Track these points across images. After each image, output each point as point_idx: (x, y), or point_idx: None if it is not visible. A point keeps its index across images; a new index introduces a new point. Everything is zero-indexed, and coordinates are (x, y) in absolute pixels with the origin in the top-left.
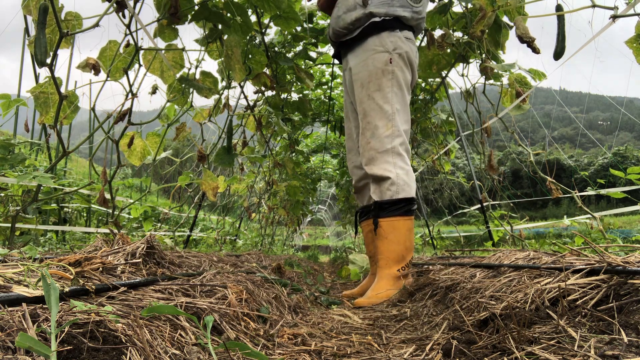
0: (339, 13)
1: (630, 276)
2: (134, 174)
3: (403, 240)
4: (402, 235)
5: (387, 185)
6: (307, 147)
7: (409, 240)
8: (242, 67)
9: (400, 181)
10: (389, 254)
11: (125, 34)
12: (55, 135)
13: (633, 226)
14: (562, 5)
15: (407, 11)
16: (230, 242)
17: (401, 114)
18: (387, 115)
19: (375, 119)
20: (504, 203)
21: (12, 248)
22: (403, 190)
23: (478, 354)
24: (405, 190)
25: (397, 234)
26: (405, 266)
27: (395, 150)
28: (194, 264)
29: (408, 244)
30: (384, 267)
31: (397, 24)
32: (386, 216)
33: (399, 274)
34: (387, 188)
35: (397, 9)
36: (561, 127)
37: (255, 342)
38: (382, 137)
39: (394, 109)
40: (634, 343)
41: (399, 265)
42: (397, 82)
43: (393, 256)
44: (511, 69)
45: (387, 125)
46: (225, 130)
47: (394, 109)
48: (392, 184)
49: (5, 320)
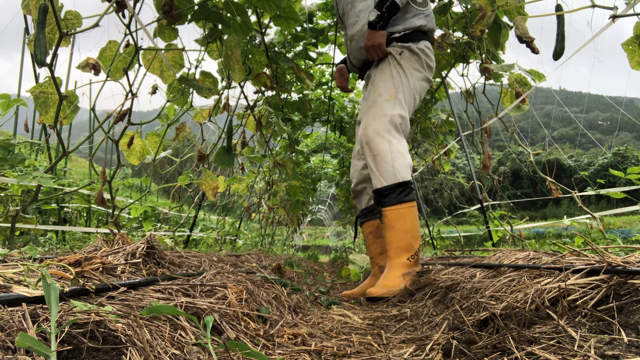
0: (361, 44)
1: (630, 276)
2: (134, 173)
3: (410, 228)
4: (408, 222)
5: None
6: (307, 147)
7: (415, 228)
8: (241, 67)
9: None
10: (398, 243)
11: (125, 34)
12: (55, 135)
13: (633, 226)
14: (561, 5)
15: (421, 19)
16: (230, 242)
17: (406, 94)
18: (394, 86)
19: (381, 87)
20: (504, 203)
21: (12, 248)
22: (399, 172)
23: (478, 354)
24: (401, 172)
25: (403, 222)
26: (414, 254)
27: (394, 121)
28: (194, 264)
29: (415, 232)
30: (394, 257)
31: (417, 34)
32: (389, 205)
33: (410, 263)
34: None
35: (412, 20)
36: (561, 127)
37: (255, 342)
38: (384, 103)
39: (397, 85)
40: (634, 343)
41: (409, 254)
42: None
43: (402, 244)
44: (511, 70)
45: (390, 94)
46: (225, 130)
47: (397, 85)
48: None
49: (5, 320)
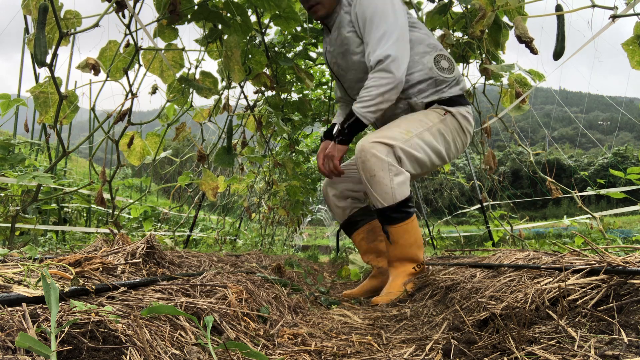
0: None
1: (630, 276)
2: (134, 174)
3: (414, 241)
4: (412, 236)
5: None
6: (307, 147)
7: (418, 240)
8: (241, 67)
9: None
10: (403, 255)
11: (125, 34)
12: (55, 135)
13: (633, 226)
14: (561, 5)
15: (453, 86)
16: (230, 242)
17: (424, 145)
18: (418, 126)
19: (403, 123)
20: (504, 203)
21: (12, 248)
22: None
23: (478, 354)
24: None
25: (407, 237)
26: (420, 264)
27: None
28: (194, 264)
29: (419, 243)
30: (399, 266)
31: (457, 100)
32: (394, 223)
33: (415, 272)
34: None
35: (447, 91)
36: (561, 127)
37: (255, 342)
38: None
39: (421, 131)
40: (634, 343)
41: (414, 264)
42: (441, 128)
43: (407, 257)
44: (511, 70)
45: (409, 130)
46: (225, 130)
47: (421, 131)
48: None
49: (5, 320)
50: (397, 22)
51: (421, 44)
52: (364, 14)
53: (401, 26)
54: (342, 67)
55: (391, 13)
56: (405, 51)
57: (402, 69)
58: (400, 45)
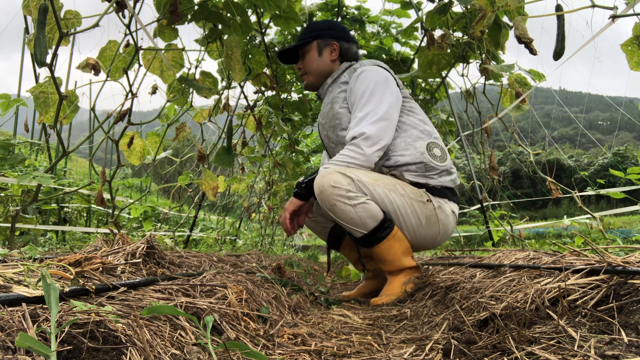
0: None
1: (630, 276)
2: (134, 174)
3: (401, 252)
4: (397, 249)
5: (343, 212)
6: (307, 147)
7: (403, 247)
8: (242, 67)
9: (357, 205)
10: (393, 267)
11: (125, 34)
12: (55, 135)
13: (633, 226)
14: (561, 5)
15: (444, 176)
16: (230, 242)
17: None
18: (387, 185)
19: (378, 176)
20: (504, 203)
21: (12, 248)
22: (367, 223)
23: (478, 354)
24: (369, 221)
25: (394, 251)
26: (412, 267)
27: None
28: (194, 264)
29: (405, 250)
30: (393, 273)
31: (446, 192)
32: (375, 244)
33: (410, 272)
34: (345, 215)
35: (439, 180)
36: (561, 127)
37: (255, 342)
38: (361, 172)
39: (388, 190)
40: (634, 343)
41: (407, 270)
42: (414, 203)
43: (397, 268)
44: (511, 70)
45: (376, 179)
46: (225, 130)
47: (388, 190)
48: (349, 209)
49: (5, 320)
50: (384, 104)
51: (415, 128)
52: (357, 91)
53: (387, 108)
54: (332, 140)
55: (379, 94)
56: (385, 133)
57: (374, 149)
58: (380, 126)
